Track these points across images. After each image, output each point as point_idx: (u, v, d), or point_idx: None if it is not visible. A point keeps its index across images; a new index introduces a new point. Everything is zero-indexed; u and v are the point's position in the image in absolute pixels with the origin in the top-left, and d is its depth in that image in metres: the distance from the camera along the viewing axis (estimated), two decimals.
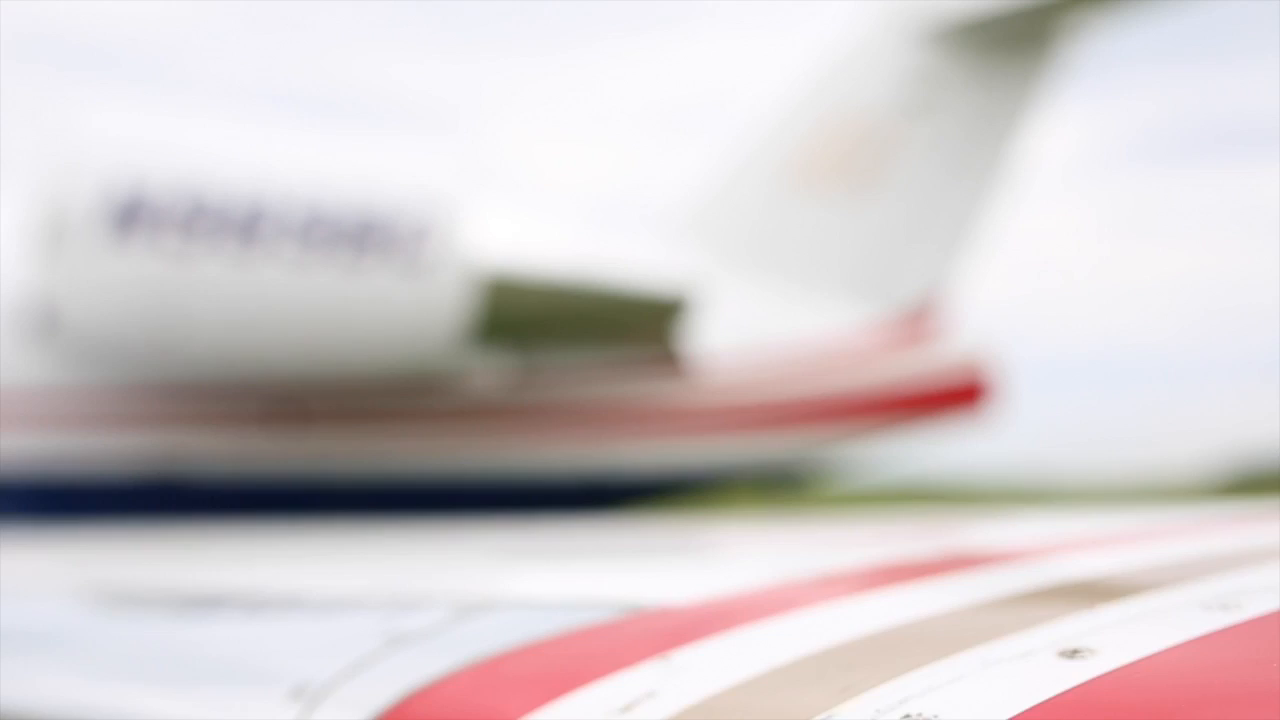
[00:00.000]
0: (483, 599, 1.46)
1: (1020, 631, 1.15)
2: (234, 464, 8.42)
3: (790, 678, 1.16)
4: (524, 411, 9.01)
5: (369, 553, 2.81)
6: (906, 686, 1.07)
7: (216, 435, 8.35)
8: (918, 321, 9.78)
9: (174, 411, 8.26)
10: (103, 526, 8.10)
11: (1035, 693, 1.00)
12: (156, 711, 1.43)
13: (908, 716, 1.02)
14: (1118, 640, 1.09)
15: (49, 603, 2.51)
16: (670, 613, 1.38)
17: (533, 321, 8.38)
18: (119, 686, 1.61)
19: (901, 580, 1.56)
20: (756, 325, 9.60)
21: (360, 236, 7.50)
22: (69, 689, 1.63)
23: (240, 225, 7.30)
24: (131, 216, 7.16)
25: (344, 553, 2.89)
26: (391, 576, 2.18)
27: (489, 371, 8.54)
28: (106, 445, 8.14)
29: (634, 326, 8.71)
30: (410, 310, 7.65)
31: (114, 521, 8.15)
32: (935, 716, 1.01)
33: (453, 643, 1.32)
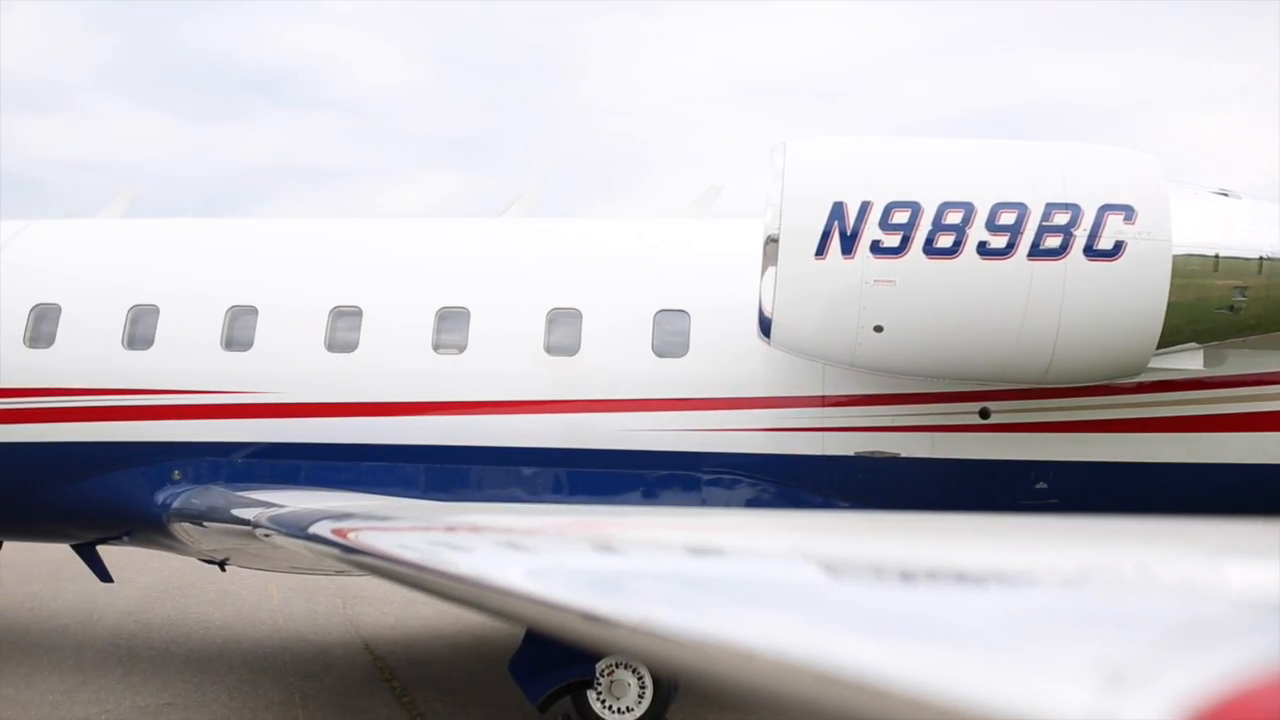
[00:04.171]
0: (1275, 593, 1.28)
1: None
2: (933, 452, 8.50)
3: None
4: (1233, 402, 8.19)
5: (1136, 540, 2.64)
6: None
7: (918, 426, 8.50)
8: None
9: (879, 404, 8.52)
10: (818, 505, 8.60)
11: None
12: (947, 672, 1.40)
13: None
14: None
15: (790, 567, 2.66)
16: None
17: (1246, 309, 7.51)
18: (882, 648, 1.62)
19: None
20: None
21: (1061, 235, 7.22)
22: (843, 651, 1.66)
23: (941, 231, 7.33)
24: (835, 231, 7.46)
25: (1110, 540, 2.73)
26: (1169, 563, 2.02)
27: (1194, 358, 7.82)
28: (819, 434, 8.59)
29: None
30: (1118, 302, 7.24)
31: (827, 501, 8.61)
32: None
33: (1259, 637, 1.17)
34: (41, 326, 9.76)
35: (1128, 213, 7.23)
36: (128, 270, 10.03)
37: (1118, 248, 7.20)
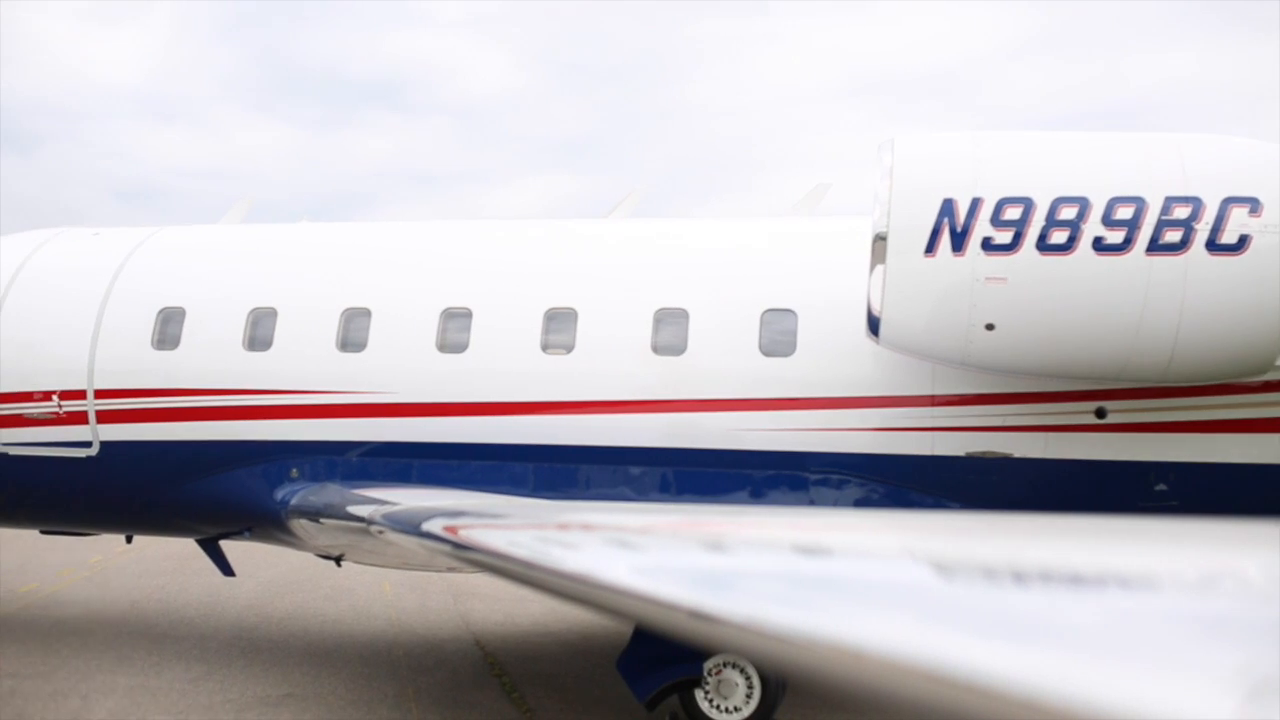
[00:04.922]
0: None
1: None
2: (1046, 452, 8.29)
3: None
4: None
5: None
6: None
7: (1032, 426, 8.30)
8: None
9: (990, 404, 8.35)
10: (928, 506, 8.45)
11: None
12: (1069, 675, 1.36)
13: None
14: None
15: (900, 567, 2.63)
16: None
17: None
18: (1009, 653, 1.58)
19: None
20: None
21: (1182, 230, 6.98)
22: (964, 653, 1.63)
23: (1054, 227, 7.15)
24: (945, 228, 7.32)
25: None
26: None
27: None
28: (928, 434, 8.45)
29: None
30: (1242, 299, 6.98)
31: (937, 502, 8.46)
32: None
33: None
34: (168, 329, 10.12)
35: (1253, 205, 6.96)
36: (248, 274, 10.34)
37: (1242, 241, 6.94)
